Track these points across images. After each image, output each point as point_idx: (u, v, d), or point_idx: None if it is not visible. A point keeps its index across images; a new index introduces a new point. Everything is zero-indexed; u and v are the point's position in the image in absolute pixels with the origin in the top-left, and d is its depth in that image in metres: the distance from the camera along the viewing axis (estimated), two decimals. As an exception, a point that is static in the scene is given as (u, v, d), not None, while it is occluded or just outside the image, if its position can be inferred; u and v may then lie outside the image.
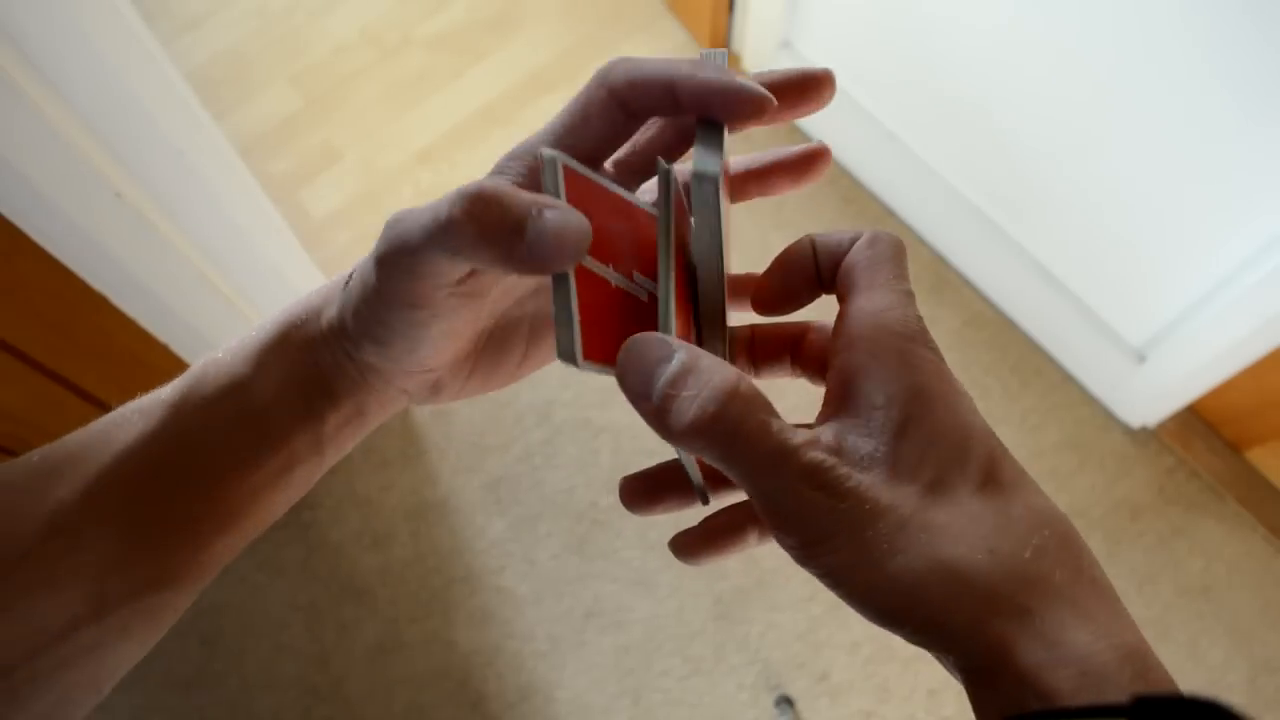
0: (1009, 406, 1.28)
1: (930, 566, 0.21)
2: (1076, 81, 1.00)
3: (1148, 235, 1.06)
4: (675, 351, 0.23)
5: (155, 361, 0.97)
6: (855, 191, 1.41)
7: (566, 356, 0.23)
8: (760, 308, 0.29)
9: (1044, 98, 1.05)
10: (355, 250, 1.45)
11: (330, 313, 0.28)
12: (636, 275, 0.27)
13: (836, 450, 0.23)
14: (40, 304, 0.86)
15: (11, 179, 0.67)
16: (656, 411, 0.22)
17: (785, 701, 1.16)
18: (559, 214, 0.22)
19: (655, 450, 1.27)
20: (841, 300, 0.26)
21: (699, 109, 0.26)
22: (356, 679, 1.20)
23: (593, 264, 0.25)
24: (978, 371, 1.31)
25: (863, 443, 0.23)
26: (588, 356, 0.24)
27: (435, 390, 0.30)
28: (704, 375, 0.22)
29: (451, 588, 1.23)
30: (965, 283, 1.35)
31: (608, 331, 0.25)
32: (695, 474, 0.28)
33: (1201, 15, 0.84)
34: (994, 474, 0.23)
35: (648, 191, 0.31)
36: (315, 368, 0.29)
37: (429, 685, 1.19)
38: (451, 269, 0.25)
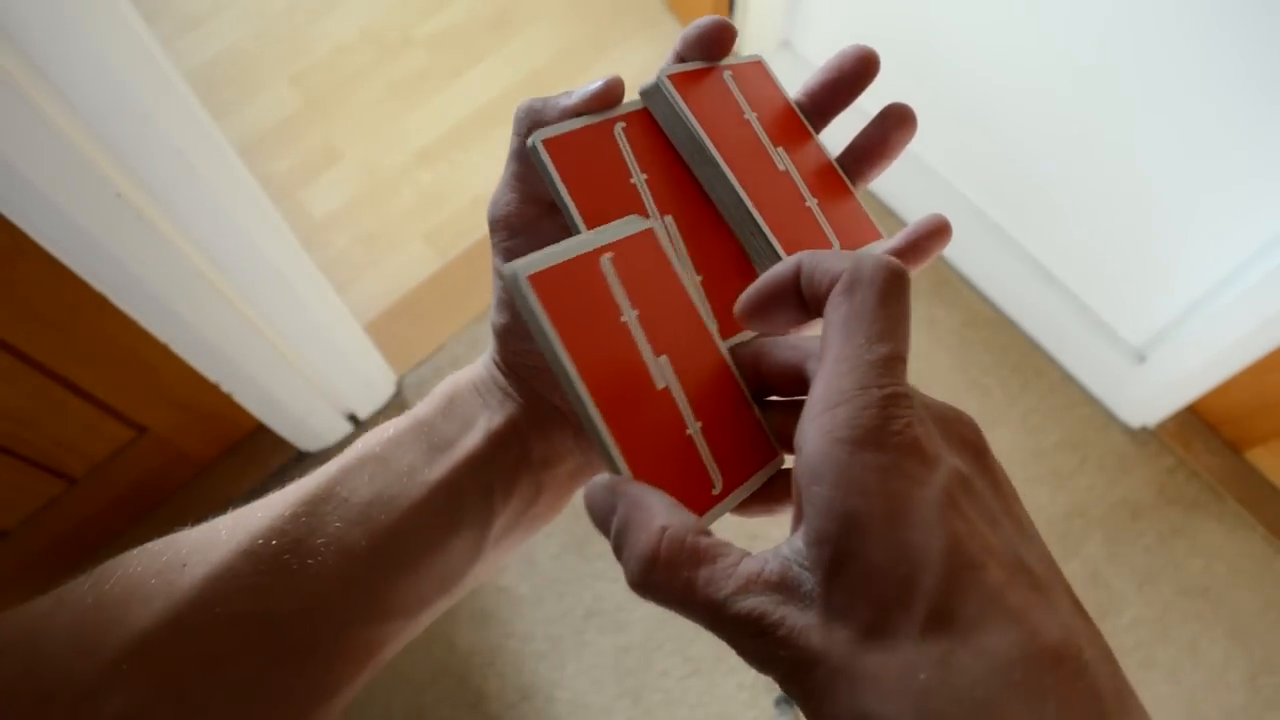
0: (1009, 406, 1.28)
1: None
2: (1077, 81, 1.00)
3: (1147, 235, 1.06)
4: (617, 505, 0.23)
5: (155, 361, 0.97)
6: (855, 191, 1.41)
7: (515, 264, 0.25)
8: (744, 323, 0.26)
9: (1044, 97, 1.05)
10: (355, 251, 1.45)
11: (481, 367, 0.31)
12: (664, 360, 0.27)
13: (779, 585, 0.21)
14: (40, 304, 0.86)
15: (12, 179, 0.67)
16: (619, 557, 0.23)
17: (785, 701, 1.16)
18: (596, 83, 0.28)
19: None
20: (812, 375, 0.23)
21: None
22: (356, 679, 1.20)
23: (612, 277, 0.27)
24: (977, 372, 1.31)
25: (804, 577, 0.21)
26: (532, 280, 0.25)
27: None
28: (633, 535, 0.22)
29: (451, 588, 1.23)
30: (965, 283, 1.35)
31: (575, 312, 0.26)
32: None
33: (1201, 15, 0.84)
34: (947, 610, 0.19)
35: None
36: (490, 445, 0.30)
37: (429, 685, 1.19)
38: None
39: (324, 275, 1.08)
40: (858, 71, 0.33)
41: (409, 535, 0.28)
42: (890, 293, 0.22)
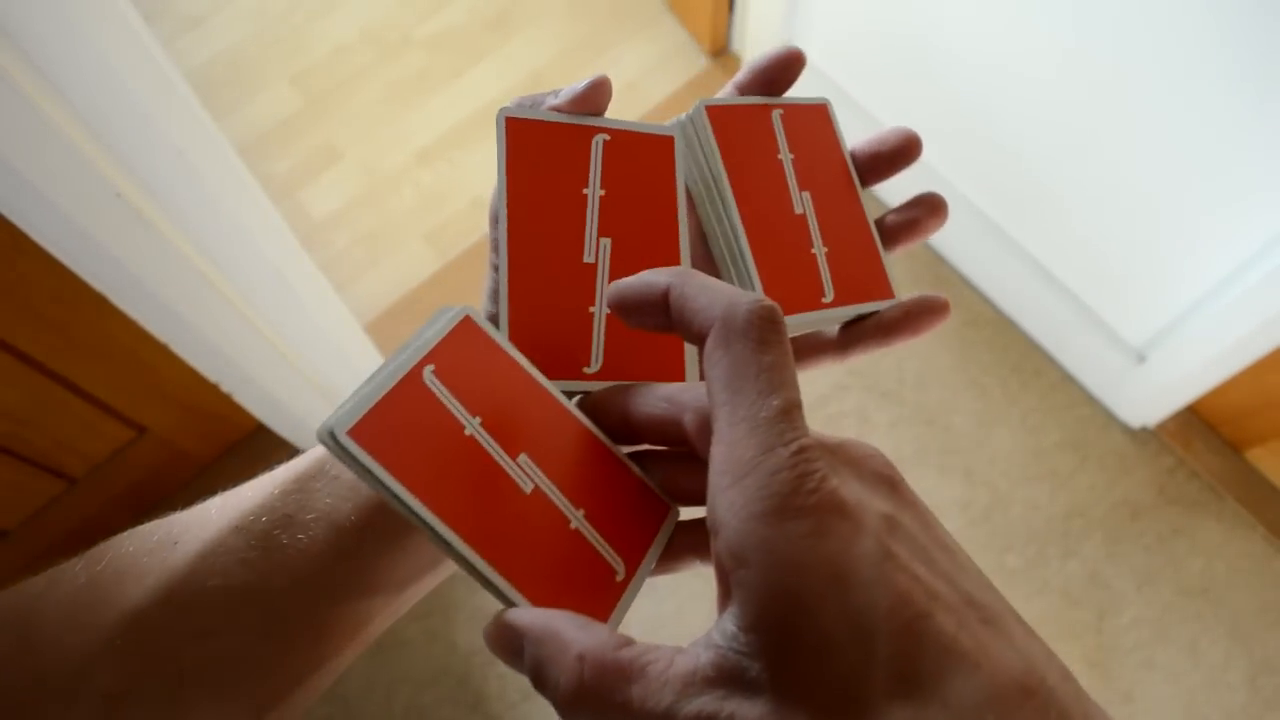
0: (1009, 406, 1.28)
1: None
2: (1077, 81, 1.00)
3: (1148, 235, 1.06)
4: (523, 643, 0.22)
5: (155, 361, 0.97)
6: (855, 191, 1.41)
7: (328, 421, 0.22)
8: (611, 309, 0.25)
9: (1044, 97, 1.05)
10: (355, 250, 1.45)
11: None
12: (524, 458, 0.25)
13: (719, 679, 0.19)
14: (40, 304, 0.86)
15: (12, 179, 0.67)
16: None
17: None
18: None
19: (655, 450, 1.27)
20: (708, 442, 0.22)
21: None
22: (356, 678, 1.20)
23: (440, 390, 0.24)
24: (977, 371, 1.31)
25: (745, 664, 0.19)
26: (353, 433, 0.22)
27: None
28: (549, 675, 0.21)
29: (452, 587, 1.23)
30: (965, 283, 1.35)
31: (413, 450, 0.23)
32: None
33: (1202, 15, 0.84)
34: (907, 669, 0.18)
35: None
36: None
37: (429, 685, 1.19)
38: None
39: (324, 275, 1.08)
40: (898, 150, 0.34)
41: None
42: (768, 339, 0.21)
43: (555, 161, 0.29)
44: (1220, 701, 1.14)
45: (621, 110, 1.52)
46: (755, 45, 1.44)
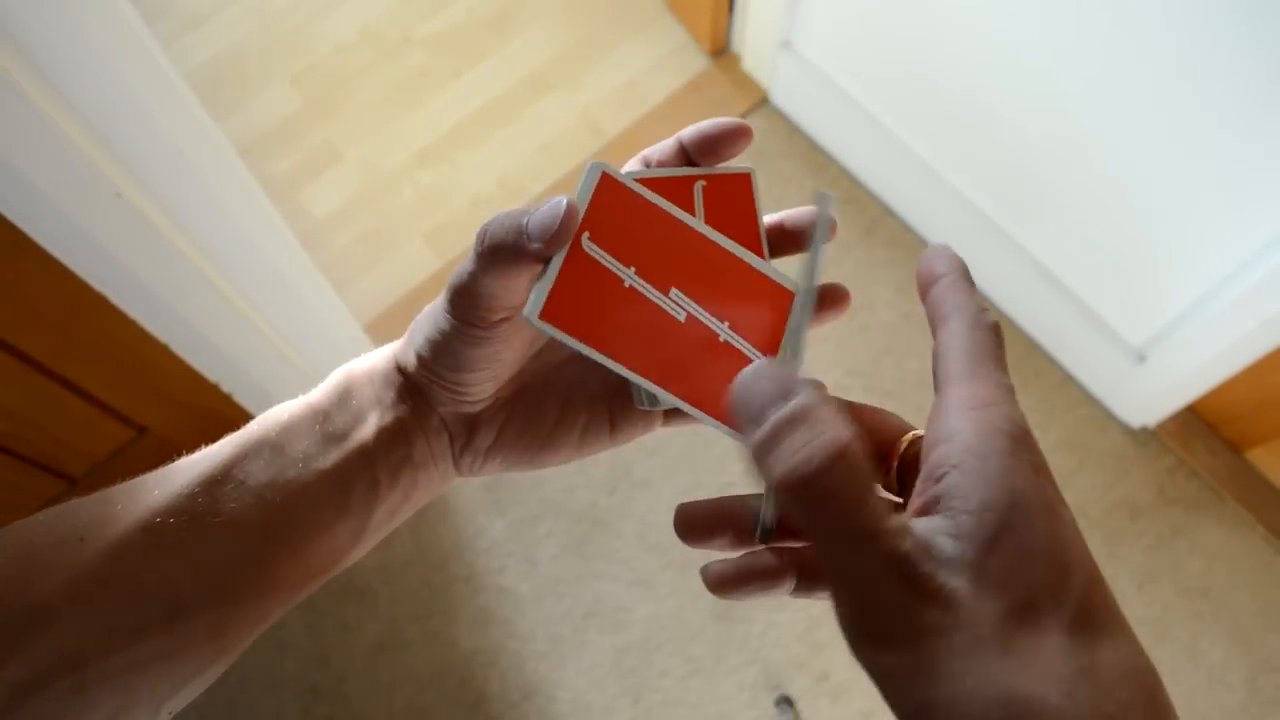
0: (1009, 406, 1.28)
1: (1002, 698, 0.19)
2: (1077, 81, 1.00)
3: (1148, 235, 1.06)
4: (798, 390, 0.22)
5: (155, 361, 0.97)
6: (855, 191, 1.41)
7: (526, 311, 0.27)
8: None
9: (1045, 97, 1.05)
10: (355, 250, 1.45)
11: (407, 356, 0.33)
12: (675, 292, 0.29)
13: (925, 547, 0.21)
14: (40, 304, 0.86)
15: (12, 179, 0.67)
16: (760, 447, 0.21)
17: (785, 701, 1.16)
18: (545, 207, 0.27)
19: (656, 449, 1.27)
20: (939, 389, 0.24)
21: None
22: (356, 678, 1.20)
23: (598, 253, 0.28)
24: (978, 371, 1.30)
25: (950, 545, 0.20)
26: (544, 316, 0.27)
27: (472, 431, 0.33)
28: (818, 426, 0.21)
29: (452, 587, 1.23)
30: (965, 283, 1.35)
31: (593, 314, 0.28)
32: (770, 511, 0.28)
33: (1202, 15, 0.84)
34: (1089, 612, 0.20)
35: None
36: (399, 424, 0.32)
37: (429, 685, 1.19)
38: (502, 292, 0.28)
39: (324, 275, 1.08)
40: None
41: (300, 516, 0.30)
42: (1002, 338, 0.25)
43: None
44: (1220, 701, 1.14)
45: (621, 110, 1.52)
46: (755, 45, 1.44)
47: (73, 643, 0.26)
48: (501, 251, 0.27)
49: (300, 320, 1.05)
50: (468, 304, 0.29)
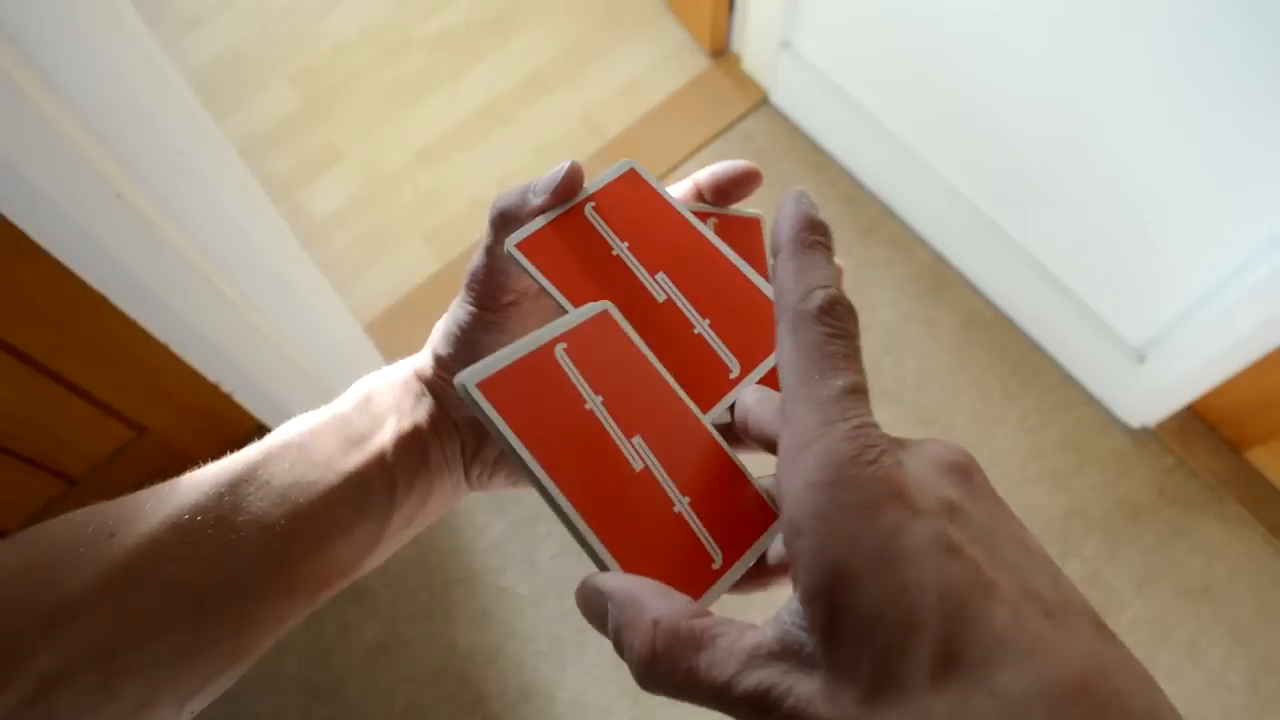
0: (1009, 407, 1.28)
1: None
2: (1077, 80, 1.00)
3: (1148, 235, 1.06)
4: (608, 606, 0.23)
5: (155, 361, 0.97)
6: (855, 192, 1.41)
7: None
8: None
9: (1044, 97, 1.05)
10: (355, 250, 1.45)
11: (425, 361, 0.34)
12: (637, 439, 0.27)
13: (781, 653, 0.20)
14: (40, 304, 0.86)
15: (12, 179, 0.67)
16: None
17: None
18: (553, 169, 0.30)
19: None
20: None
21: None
22: (357, 679, 1.20)
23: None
24: (977, 371, 1.31)
25: (804, 639, 0.20)
26: (482, 387, 0.25)
27: (481, 439, 0.35)
28: (626, 638, 0.22)
29: (452, 588, 1.23)
30: (965, 283, 1.35)
31: (533, 410, 0.26)
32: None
33: (1203, 15, 0.84)
34: (953, 652, 0.18)
35: None
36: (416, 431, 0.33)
37: (429, 685, 1.19)
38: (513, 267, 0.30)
39: (324, 275, 1.08)
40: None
41: (322, 518, 0.31)
42: (835, 325, 0.22)
43: (578, 248, 0.31)
44: (1220, 701, 1.14)
45: (622, 110, 1.52)
46: (755, 45, 1.44)
47: (100, 636, 0.27)
48: (509, 213, 0.29)
49: (300, 320, 1.05)
50: (481, 284, 0.30)
